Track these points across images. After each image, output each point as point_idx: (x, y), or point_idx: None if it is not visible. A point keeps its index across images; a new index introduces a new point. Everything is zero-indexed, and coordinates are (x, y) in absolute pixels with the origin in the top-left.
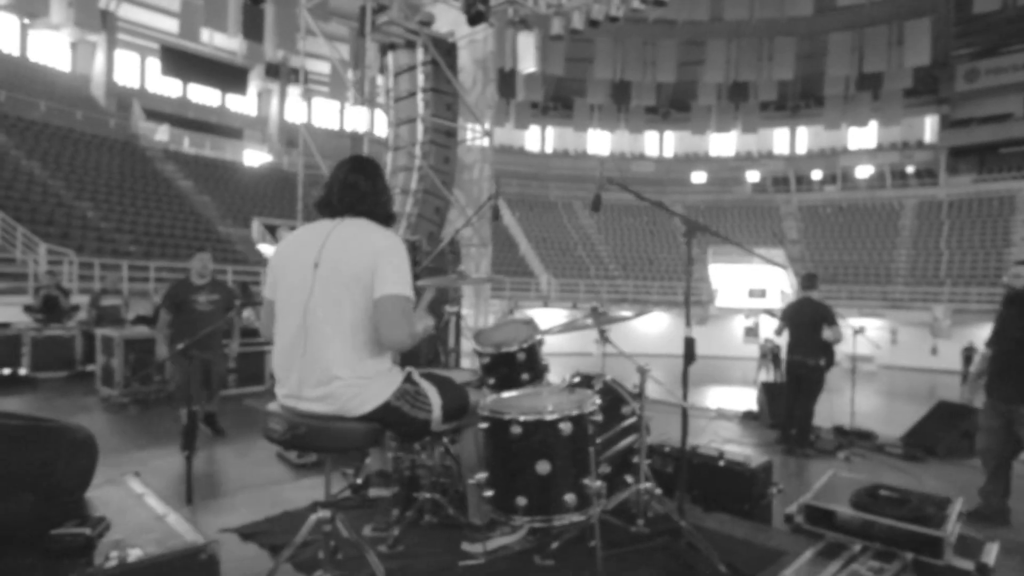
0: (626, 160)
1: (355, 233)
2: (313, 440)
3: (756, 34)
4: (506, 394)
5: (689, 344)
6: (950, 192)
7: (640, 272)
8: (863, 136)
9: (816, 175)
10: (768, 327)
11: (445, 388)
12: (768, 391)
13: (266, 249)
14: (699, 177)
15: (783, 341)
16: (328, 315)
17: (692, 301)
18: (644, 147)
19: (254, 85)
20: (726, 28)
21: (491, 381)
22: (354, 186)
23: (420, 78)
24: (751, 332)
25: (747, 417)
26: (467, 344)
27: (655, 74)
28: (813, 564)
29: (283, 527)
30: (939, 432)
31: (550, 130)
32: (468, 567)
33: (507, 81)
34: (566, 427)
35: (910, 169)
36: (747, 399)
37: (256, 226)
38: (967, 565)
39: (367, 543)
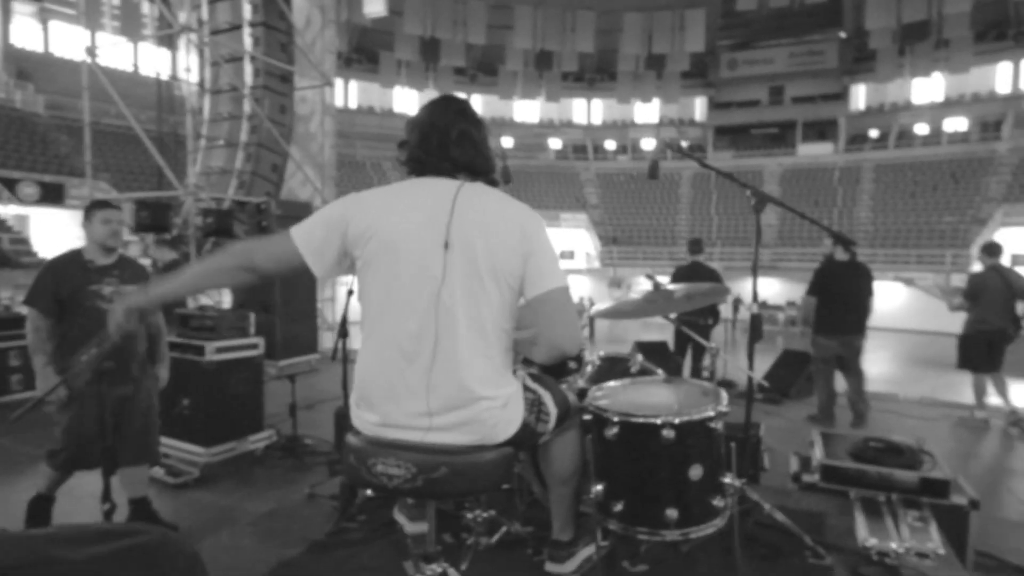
0: None
1: (492, 205)
2: (453, 483)
3: (561, 5)
4: (597, 389)
5: (755, 320)
6: (716, 165)
7: None
8: (648, 111)
9: (610, 145)
10: (577, 288)
11: (553, 390)
12: (643, 349)
13: (6, 210)
14: (506, 142)
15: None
16: (470, 315)
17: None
18: None
19: None
20: None
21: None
22: (468, 136)
23: (246, 8)
24: None
25: None
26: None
27: (465, 34)
28: (872, 524)
29: None
30: (789, 377)
31: (354, 84)
32: None
33: None
34: (717, 425)
35: (685, 143)
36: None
37: None
38: (961, 500)
39: None
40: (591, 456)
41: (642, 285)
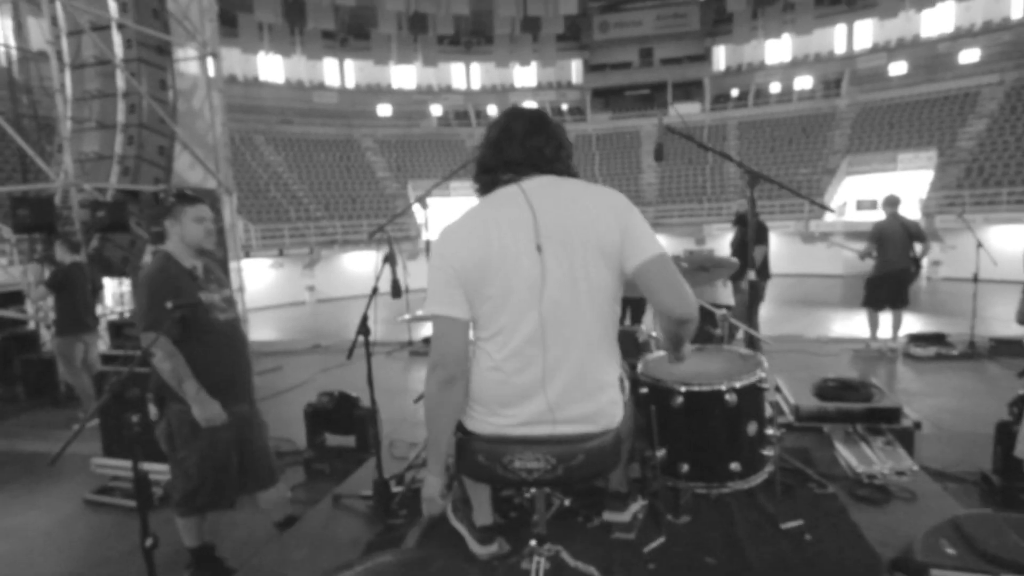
0: (306, 90)
1: (573, 191)
2: (587, 469)
3: None
4: (642, 364)
5: (754, 286)
6: (596, 128)
7: (344, 211)
8: (526, 75)
9: (492, 110)
10: None
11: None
12: None
13: None
14: (385, 110)
15: None
16: (583, 308)
17: (402, 237)
18: (324, 76)
19: None
20: None
21: None
22: (513, 135)
23: None
24: None
25: None
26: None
27: None
28: (854, 452)
29: None
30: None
31: None
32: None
33: None
34: (765, 384)
35: (564, 106)
36: None
37: None
38: (908, 423)
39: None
40: (654, 424)
41: None
